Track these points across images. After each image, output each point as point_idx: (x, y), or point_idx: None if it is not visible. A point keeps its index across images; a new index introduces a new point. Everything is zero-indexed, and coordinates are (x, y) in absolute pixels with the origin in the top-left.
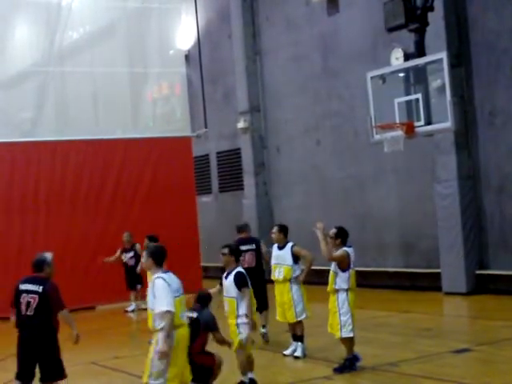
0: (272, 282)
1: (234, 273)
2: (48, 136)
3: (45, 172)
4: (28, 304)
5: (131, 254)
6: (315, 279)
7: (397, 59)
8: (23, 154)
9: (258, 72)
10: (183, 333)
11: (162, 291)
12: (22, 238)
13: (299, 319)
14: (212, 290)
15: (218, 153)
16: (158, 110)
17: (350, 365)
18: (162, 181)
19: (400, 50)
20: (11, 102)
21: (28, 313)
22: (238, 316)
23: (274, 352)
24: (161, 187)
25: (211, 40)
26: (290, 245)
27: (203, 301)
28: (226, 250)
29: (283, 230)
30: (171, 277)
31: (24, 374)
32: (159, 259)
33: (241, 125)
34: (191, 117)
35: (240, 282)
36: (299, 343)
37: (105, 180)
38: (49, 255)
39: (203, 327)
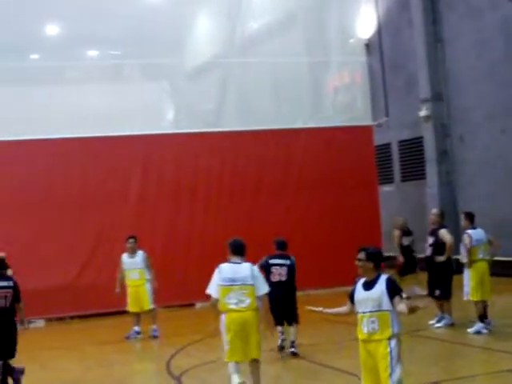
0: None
1: (383, 280)
2: (231, 126)
3: (228, 163)
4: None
5: (411, 237)
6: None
7: None
8: (207, 144)
9: (439, 59)
10: (234, 317)
11: (213, 276)
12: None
13: (465, 299)
14: (341, 310)
15: (399, 141)
16: (338, 98)
17: None
18: (343, 170)
19: None
20: (195, 93)
21: None
22: (393, 335)
23: (457, 344)
24: (342, 176)
25: (391, 28)
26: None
27: None
28: (362, 255)
29: (468, 216)
30: (227, 267)
31: None
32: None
33: (423, 113)
34: (372, 105)
35: (396, 288)
36: (478, 322)
37: (287, 169)
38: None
39: None
